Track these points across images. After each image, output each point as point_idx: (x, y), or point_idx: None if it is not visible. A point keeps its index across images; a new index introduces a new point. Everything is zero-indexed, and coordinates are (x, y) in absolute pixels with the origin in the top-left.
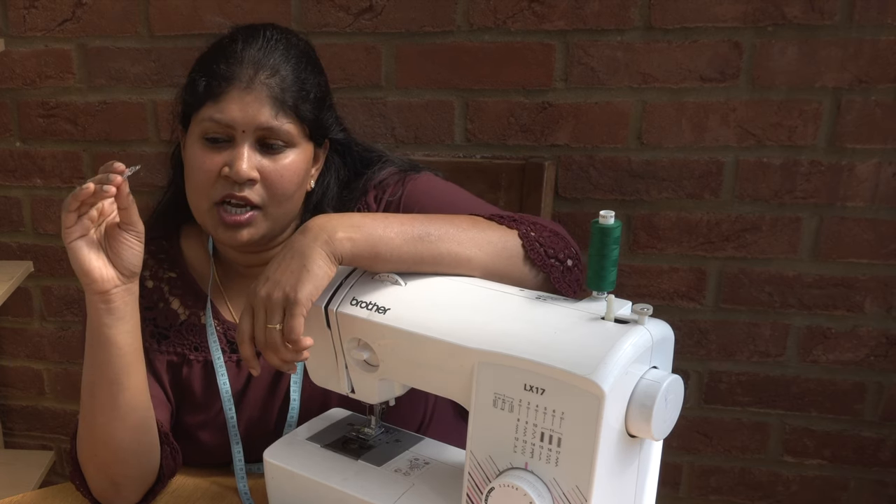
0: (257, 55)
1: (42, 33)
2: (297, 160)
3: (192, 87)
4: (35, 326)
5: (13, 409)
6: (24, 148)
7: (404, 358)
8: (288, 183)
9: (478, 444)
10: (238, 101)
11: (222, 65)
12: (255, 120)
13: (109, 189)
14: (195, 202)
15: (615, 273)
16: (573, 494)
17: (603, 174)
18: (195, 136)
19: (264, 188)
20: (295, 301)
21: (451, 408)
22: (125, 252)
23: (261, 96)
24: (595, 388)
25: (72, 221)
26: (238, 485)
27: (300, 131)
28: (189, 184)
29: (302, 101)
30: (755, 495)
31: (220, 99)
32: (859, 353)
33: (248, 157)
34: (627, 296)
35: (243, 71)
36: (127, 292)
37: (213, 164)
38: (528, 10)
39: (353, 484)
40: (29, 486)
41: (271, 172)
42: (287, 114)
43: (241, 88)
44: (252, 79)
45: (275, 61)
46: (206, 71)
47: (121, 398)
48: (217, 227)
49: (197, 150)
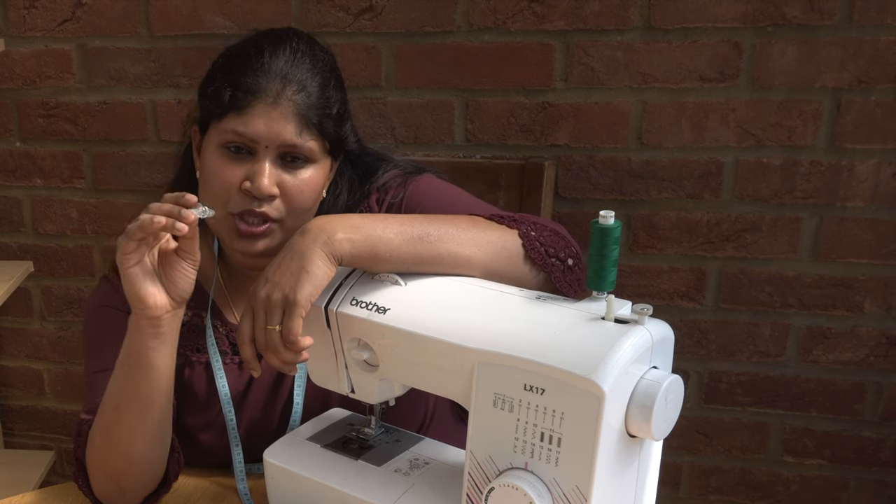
0: (284, 68)
1: (42, 33)
2: (316, 175)
3: (216, 95)
4: (35, 326)
5: (13, 409)
6: (24, 148)
7: (404, 358)
8: (307, 198)
9: (478, 444)
10: (264, 116)
11: (249, 76)
12: (280, 137)
13: (182, 228)
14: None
15: (615, 273)
16: (573, 494)
17: (603, 174)
18: (215, 144)
19: (283, 203)
20: (294, 302)
21: (451, 409)
22: (180, 279)
23: (287, 112)
24: (595, 388)
25: (131, 248)
26: (238, 486)
27: (321, 147)
28: (204, 189)
29: (325, 119)
30: (755, 495)
31: (246, 112)
32: (859, 353)
33: (269, 173)
34: (627, 296)
35: (270, 85)
36: (175, 317)
37: (234, 176)
38: (528, 10)
39: (353, 484)
40: (29, 485)
41: (292, 188)
42: (311, 131)
43: (267, 103)
44: (279, 94)
45: (302, 76)
46: (232, 81)
47: (149, 416)
48: (232, 236)
49: (216, 159)
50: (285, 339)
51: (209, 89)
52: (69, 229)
